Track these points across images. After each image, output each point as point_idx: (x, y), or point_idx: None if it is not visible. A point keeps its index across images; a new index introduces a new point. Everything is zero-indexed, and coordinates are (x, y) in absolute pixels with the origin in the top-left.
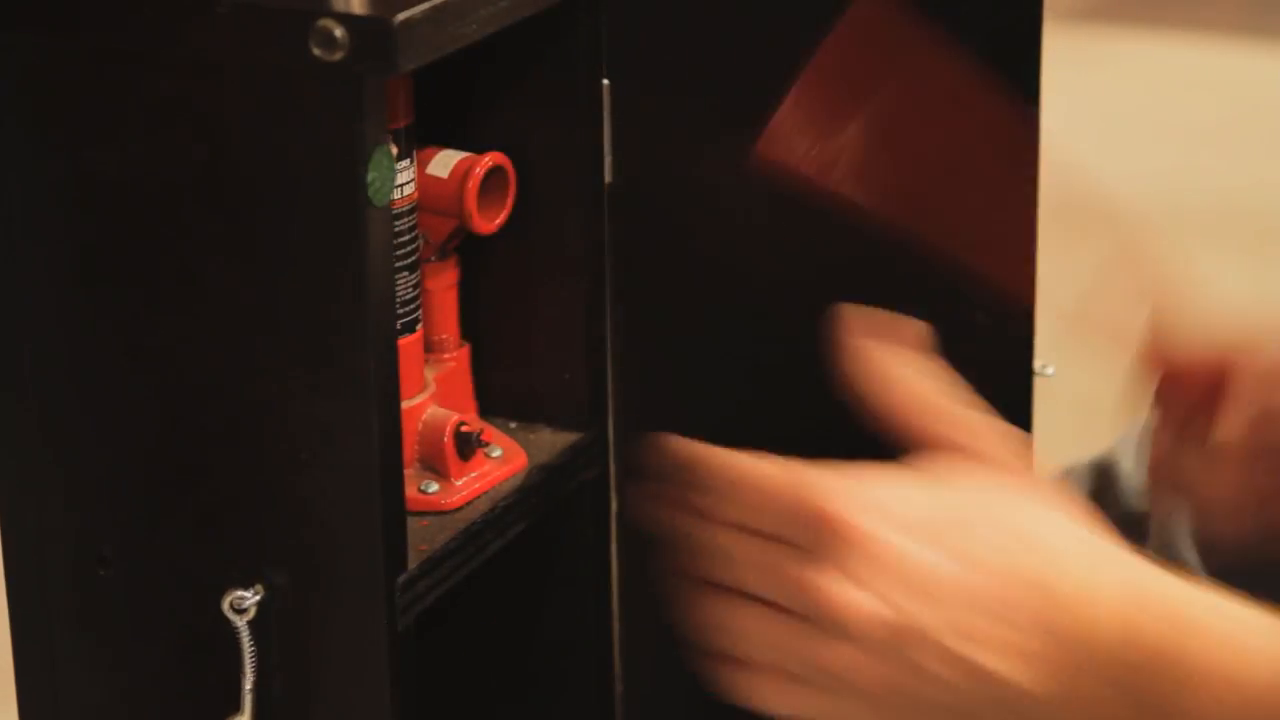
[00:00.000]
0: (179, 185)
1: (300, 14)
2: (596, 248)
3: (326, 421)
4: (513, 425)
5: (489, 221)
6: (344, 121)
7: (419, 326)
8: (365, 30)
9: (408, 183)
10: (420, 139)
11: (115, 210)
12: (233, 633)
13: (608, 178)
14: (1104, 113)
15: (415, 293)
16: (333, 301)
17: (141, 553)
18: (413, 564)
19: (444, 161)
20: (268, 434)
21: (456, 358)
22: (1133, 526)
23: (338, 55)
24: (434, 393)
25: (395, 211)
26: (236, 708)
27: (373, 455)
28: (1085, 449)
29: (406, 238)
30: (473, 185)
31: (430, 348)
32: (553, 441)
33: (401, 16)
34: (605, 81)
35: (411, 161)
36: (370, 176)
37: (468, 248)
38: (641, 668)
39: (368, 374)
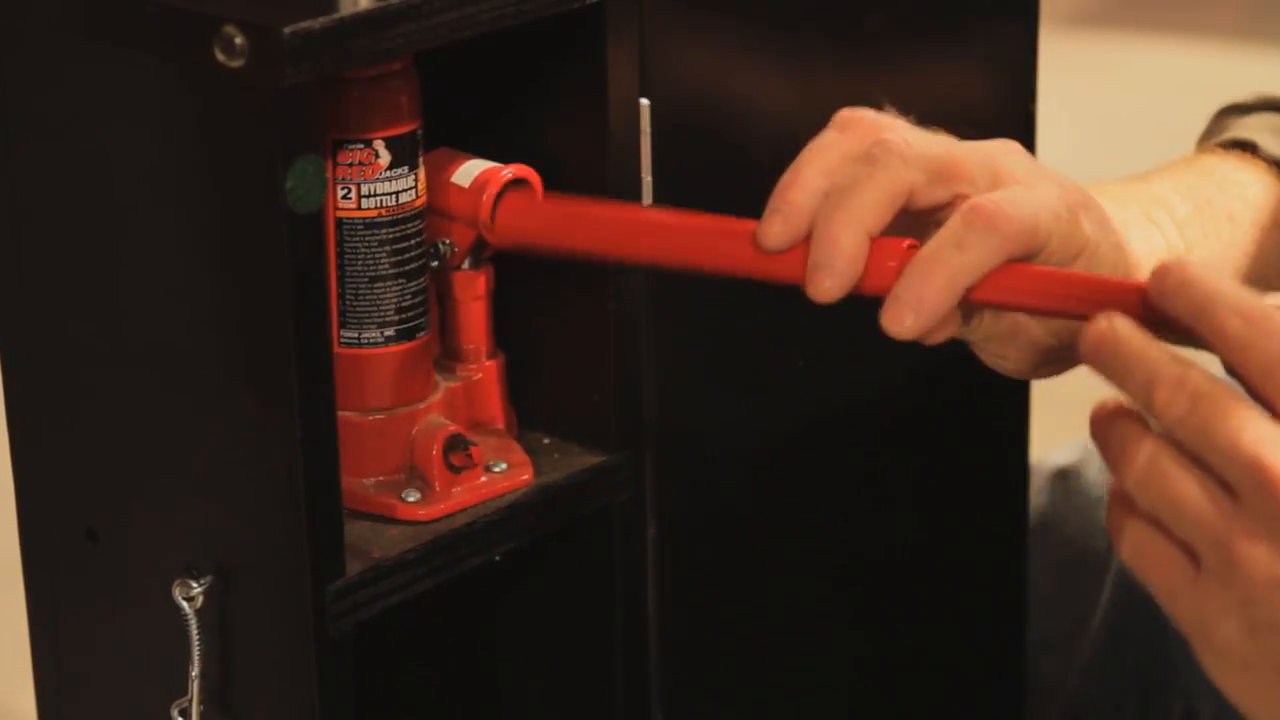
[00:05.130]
0: (119, 182)
1: (209, 18)
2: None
3: (257, 424)
4: (546, 441)
5: None
6: (259, 128)
7: (421, 334)
8: (259, 37)
9: (408, 189)
10: (459, 147)
11: (55, 207)
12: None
13: (647, 201)
14: (1101, 117)
15: (416, 300)
16: (256, 307)
17: (120, 532)
18: (359, 571)
19: (468, 171)
20: (211, 433)
21: (484, 368)
22: (1098, 536)
23: (237, 63)
24: (442, 400)
25: (390, 219)
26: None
27: (296, 460)
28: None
29: (404, 245)
30: (488, 198)
31: (458, 357)
32: (578, 462)
33: (294, 27)
34: (644, 101)
35: (413, 169)
36: (290, 184)
37: (511, 258)
38: (682, 696)
39: (289, 380)
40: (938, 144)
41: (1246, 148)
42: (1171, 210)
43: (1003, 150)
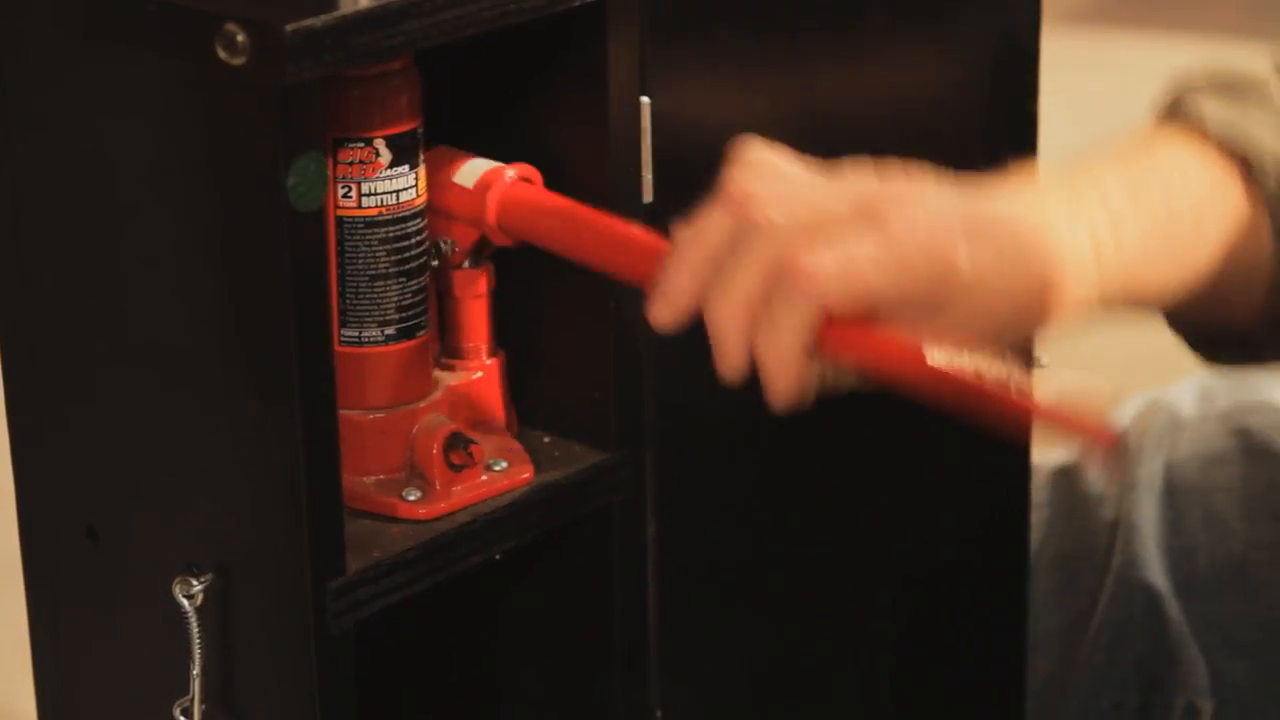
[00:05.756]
0: (120, 180)
1: (210, 15)
2: None
3: (257, 422)
4: (546, 440)
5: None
6: (261, 126)
7: (422, 332)
8: (261, 35)
9: (409, 188)
10: (458, 145)
11: (56, 205)
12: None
13: (648, 198)
14: (1101, 115)
15: (417, 298)
16: (257, 305)
17: (120, 530)
18: (359, 570)
19: (471, 171)
20: (211, 432)
21: (484, 367)
22: (1099, 534)
23: (239, 60)
24: (442, 399)
25: (390, 217)
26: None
27: (297, 459)
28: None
29: (404, 243)
30: (493, 199)
31: (458, 355)
32: (578, 460)
33: (295, 25)
34: (645, 99)
35: (414, 167)
36: (292, 182)
37: (511, 257)
38: (682, 696)
39: (290, 378)
40: (813, 204)
41: (1192, 121)
42: (1108, 206)
43: (882, 192)
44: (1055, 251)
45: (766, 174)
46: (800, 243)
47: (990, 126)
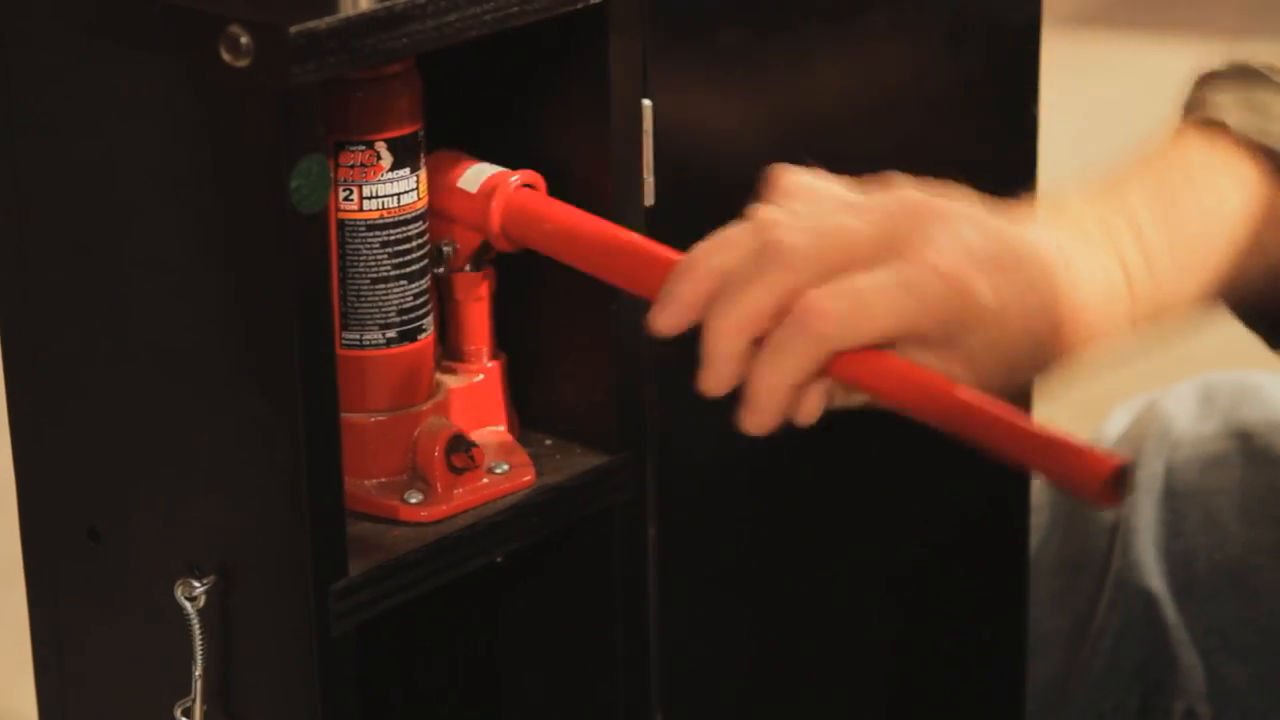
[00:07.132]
0: (124, 181)
1: (214, 17)
2: None
3: (259, 423)
4: (548, 443)
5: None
6: (264, 128)
7: (423, 335)
8: (265, 37)
9: (410, 191)
10: (460, 147)
11: (59, 206)
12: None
13: (649, 201)
14: (1101, 117)
15: (419, 301)
16: (260, 306)
17: (122, 531)
18: (361, 572)
19: (474, 176)
20: (214, 433)
21: (485, 370)
22: (1099, 537)
23: (243, 62)
24: (444, 402)
25: (392, 220)
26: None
27: (299, 461)
28: None
29: (406, 246)
30: (497, 205)
31: (460, 358)
32: (579, 463)
33: (299, 27)
34: (646, 102)
35: (415, 170)
36: (295, 184)
37: (513, 260)
38: (682, 696)
39: (293, 381)
40: (834, 232)
41: (1220, 127)
42: (1139, 232)
43: (908, 215)
44: (1079, 288)
45: (797, 199)
46: (815, 274)
47: (991, 129)
